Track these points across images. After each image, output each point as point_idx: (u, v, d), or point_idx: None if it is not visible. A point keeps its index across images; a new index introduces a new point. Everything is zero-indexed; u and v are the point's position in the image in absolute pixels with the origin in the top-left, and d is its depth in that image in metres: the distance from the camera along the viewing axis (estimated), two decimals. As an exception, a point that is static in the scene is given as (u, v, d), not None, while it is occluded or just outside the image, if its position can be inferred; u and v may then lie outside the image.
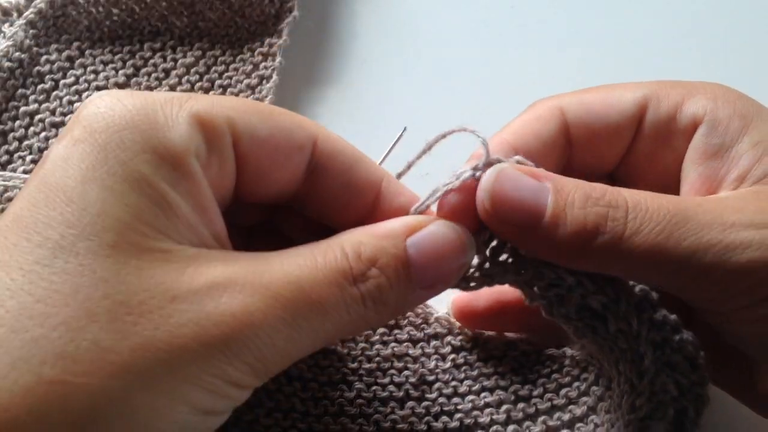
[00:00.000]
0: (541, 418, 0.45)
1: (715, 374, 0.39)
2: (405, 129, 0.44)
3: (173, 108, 0.33)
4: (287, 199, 0.39)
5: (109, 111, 0.33)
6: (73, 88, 0.52)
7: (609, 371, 0.42)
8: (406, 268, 0.35)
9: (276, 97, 0.54)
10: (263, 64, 0.54)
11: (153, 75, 0.53)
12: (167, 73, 0.53)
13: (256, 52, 0.54)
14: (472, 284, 0.40)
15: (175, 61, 0.53)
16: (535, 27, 0.60)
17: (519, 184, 0.36)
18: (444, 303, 0.48)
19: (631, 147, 0.43)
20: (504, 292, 0.45)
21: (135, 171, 0.31)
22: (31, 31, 0.52)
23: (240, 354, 0.31)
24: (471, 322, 0.47)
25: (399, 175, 0.42)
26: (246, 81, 0.53)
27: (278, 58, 0.54)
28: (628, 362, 0.39)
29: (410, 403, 0.46)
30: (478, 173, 0.37)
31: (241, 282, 0.31)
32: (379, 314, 0.35)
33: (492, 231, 0.38)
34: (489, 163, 0.37)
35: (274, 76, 0.54)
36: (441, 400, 0.46)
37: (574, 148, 0.43)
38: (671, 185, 0.42)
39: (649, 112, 0.42)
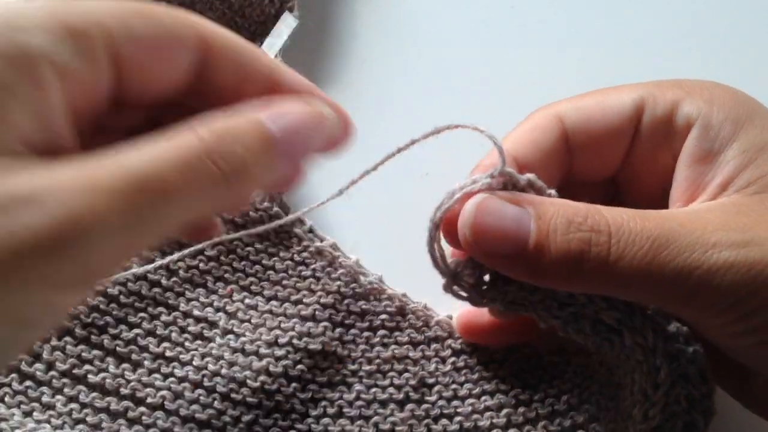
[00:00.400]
0: (541, 423, 0.45)
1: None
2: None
3: (38, 12, 0.31)
4: (176, 97, 0.36)
5: None
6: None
7: (618, 378, 0.42)
8: (264, 135, 0.32)
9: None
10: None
11: (153, 76, 0.52)
12: (167, 73, 0.53)
13: (256, 52, 0.54)
14: (484, 300, 0.40)
15: (175, 61, 0.53)
16: (535, 27, 0.60)
17: (501, 213, 0.36)
18: (445, 307, 0.48)
19: (631, 149, 0.43)
20: None
21: None
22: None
23: (65, 258, 0.28)
24: (475, 337, 0.47)
25: (391, 155, 0.41)
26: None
27: (278, 59, 0.54)
28: (644, 374, 0.39)
29: (410, 406, 0.46)
30: (494, 181, 0.38)
31: (61, 188, 0.28)
32: (245, 190, 0.33)
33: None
34: (502, 173, 0.37)
35: (274, 77, 0.53)
36: (441, 402, 0.46)
37: (575, 155, 0.43)
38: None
39: (646, 113, 0.42)
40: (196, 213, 0.31)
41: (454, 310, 0.48)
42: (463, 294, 0.40)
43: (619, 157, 0.43)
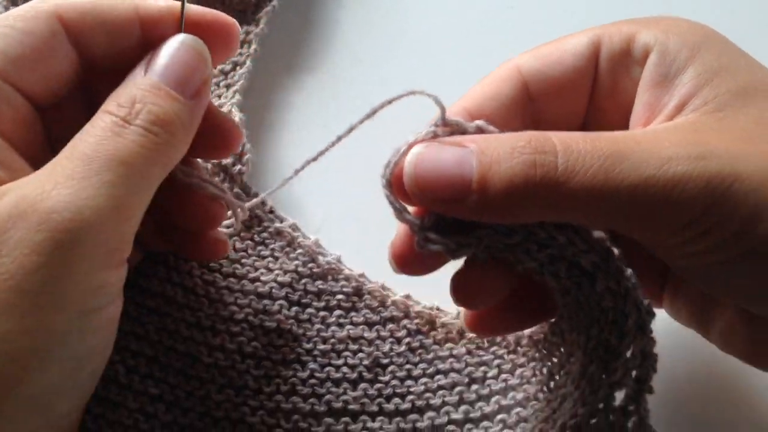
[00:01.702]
0: (494, 398, 0.45)
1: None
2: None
3: None
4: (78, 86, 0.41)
5: None
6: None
7: (570, 346, 0.42)
8: (158, 87, 0.37)
9: (253, 84, 0.54)
10: (238, 50, 0.54)
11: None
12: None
13: (233, 40, 0.55)
14: (459, 249, 0.38)
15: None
16: (535, 27, 0.60)
17: (440, 159, 0.36)
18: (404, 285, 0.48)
19: (594, 89, 0.42)
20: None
21: None
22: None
23: (84, 245, 0.33)
24: (484, 328, 0.44)
25: (339, 138, 0.42)
26: (220, 66, 0.54)
27: (253, 46, 0.54)
28: (608, 323, 0.38)
29: (363, 385, 0.46)
30: (439, 129, 0.37)
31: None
32: (172, 133, 0.37)
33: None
34: (446, 123, 0.37)
35: (248, 62, 0.54)
36: (394, 382, 0.46)
37: (538, 103, 0.42)
38: None
39: (603, 49, 0.41)
40: (154, 167, 0.36)
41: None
42: (437, 247, 0.38)
43: (584, 100, 0.43)
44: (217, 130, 0.42)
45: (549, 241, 0.38)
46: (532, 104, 0.42)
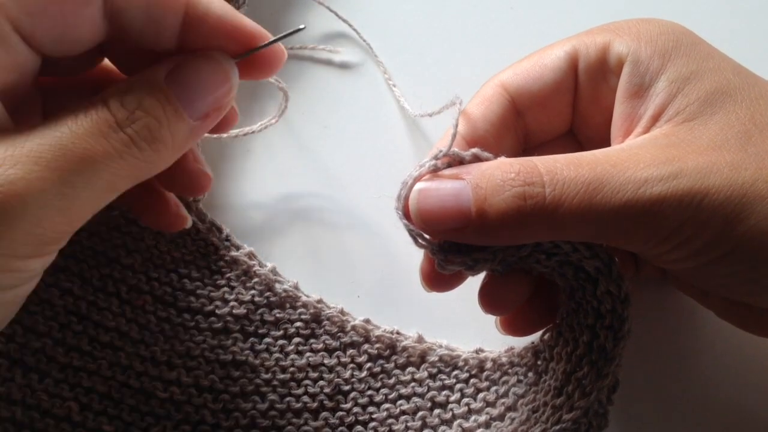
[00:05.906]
0: (457, 422, 0.44)
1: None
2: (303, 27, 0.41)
3: None
4: (94, 48, 0.38)
5: None
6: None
7: (547, 362, 0.42)
8: (169, 102, 0.35)
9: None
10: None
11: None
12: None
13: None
14: (477, 265, 0.40)
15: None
16: (535, 28, 0.59)
17: (440, 194, 0.38)
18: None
19: (576, 99, 0.44)
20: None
21: None
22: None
23: (14, 224, 0.31)
24: (517, 329, 0.45)
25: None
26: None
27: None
28: (605, 328, 0.39)
29: (324, 414, 0.45)
30: (439, 161, 0.39)
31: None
32: (158, 152, 0.35)
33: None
34: (447, 155, 0.39)
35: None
36: (356, 409, 0.45)
37: (526, 118, 0.44)
38: None
39: (581, 61, 0.43)
40: (121, 178, 0.35)
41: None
42: (456, 267, 0.40)
43: (568, 110, 0.44)
44: (186, 172, 0.42)
45: (555, 250, 0.40)
46: (521, 118, 0.44)
